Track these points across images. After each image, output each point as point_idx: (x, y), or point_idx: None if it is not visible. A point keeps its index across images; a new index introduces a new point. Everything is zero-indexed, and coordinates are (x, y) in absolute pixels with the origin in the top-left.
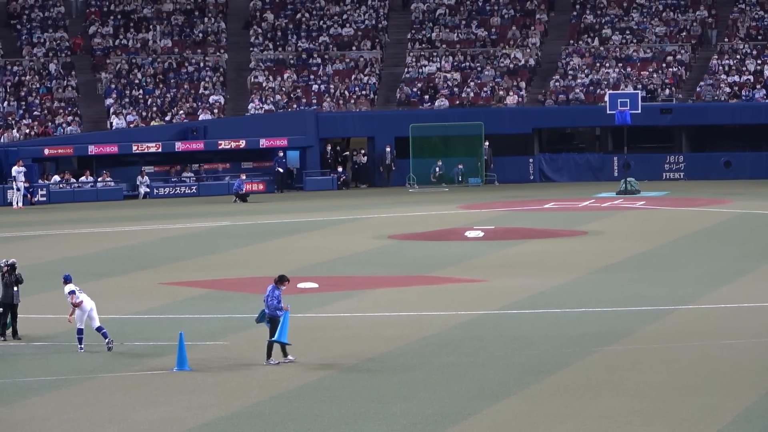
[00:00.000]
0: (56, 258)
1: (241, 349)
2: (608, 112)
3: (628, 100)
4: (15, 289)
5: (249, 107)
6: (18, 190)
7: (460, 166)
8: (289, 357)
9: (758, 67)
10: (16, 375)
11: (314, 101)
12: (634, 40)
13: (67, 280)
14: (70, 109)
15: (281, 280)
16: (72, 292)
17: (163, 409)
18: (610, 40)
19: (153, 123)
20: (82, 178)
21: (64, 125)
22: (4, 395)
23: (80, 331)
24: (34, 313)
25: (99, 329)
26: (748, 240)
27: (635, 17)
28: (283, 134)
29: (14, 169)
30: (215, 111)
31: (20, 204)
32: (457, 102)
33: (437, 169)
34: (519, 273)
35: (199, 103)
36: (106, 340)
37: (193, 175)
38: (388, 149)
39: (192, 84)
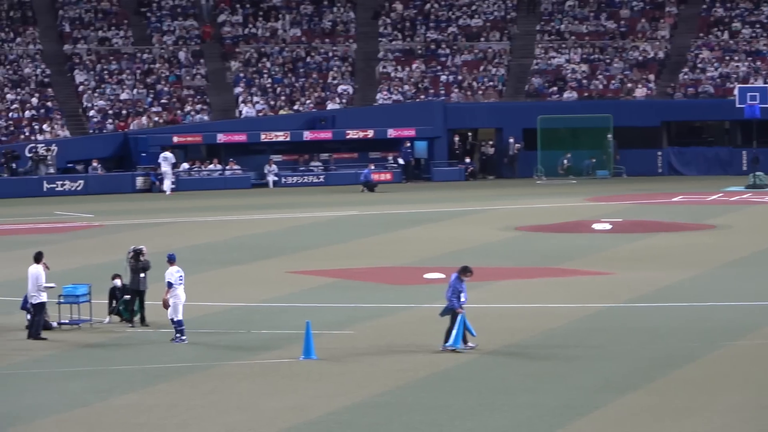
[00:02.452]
0: (184, 245)
1: (367, 338)
2: (737, 105)
3: (757, 94)
4: (142, 275)
5: (377, 97)
6: (165, 176)
7: (593, 160)
8: (470, 344)
9: None
10: (144, 362)
11: (442, 92)
12: (765, 34)
13: (171, 259)
14: (199, 97)
15: (464, 271)
16: (171, 285)
17: (289, 397)
18: (740, 34)
19: (281, 112)
20: (211, 166)
21: (192, 113)
22: (133, 382)
23: (180, 323)
24: (161, 300)
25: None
26: None
27: (765, 11)
28: (411, 124)
29: (161, 156)
30: (343, 101)
31: (168, 190)
32: (586, 94)
33: (565, 161)
34: (646, 266)
35: (328, 93)
36: (182, 337)
37: (320, 164)
38: (511, 140)
39: (320, 73)
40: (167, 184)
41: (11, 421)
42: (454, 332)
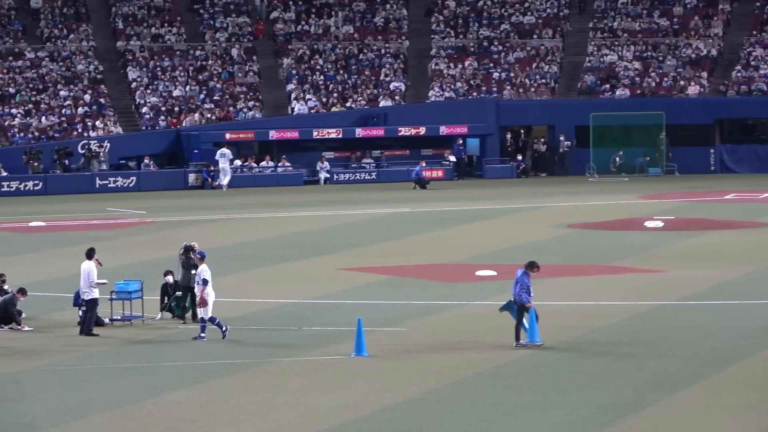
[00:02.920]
0: (236, 242)
1: (418, 335)
2: None
3: None
4: (193, 272)
5: (429, 94)
6: (222, 172)
7: (647, 158)
8: (521, 341)
9: None
10: (196, 358)
11: (494, 89)
12: None
13: (202, 257)
14: (251, 94)
15: (531, 266)
16: (206, 283)
17: (340, 394)
18: None
19: (333, 109)
20: (263, 163)
21: (245, 110)
22: (184, 378)
23: (213, 319)
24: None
25: (203, 320)
26: None
27: None
28: (463, 122)
29: (218, 153)
30: (396, 98)
31: (225, 186)
32: (638, 92)
33: (617, 158)
34: (699, 264)
35: (380, 90)
36: (202, 335)
37: (372, 161)
38: (562, 138)
39: (373, 70)
40: (225, 180)
41: (63, 417)
42: (526, 327)
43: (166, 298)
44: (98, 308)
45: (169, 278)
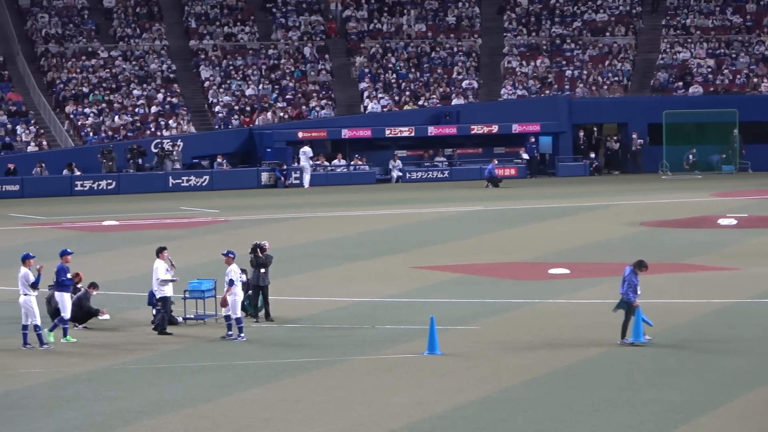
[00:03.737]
0: (309, 240)
1: (492, 333)
2: None
3: None
4: (262, 271)
5: (502, 92)
6: (303, 171)
7: (723, 155)
8: (647, 336)
9: None
10: (269, 357)
11: (567, 87)
12: None
13: (232, 256)
14: (324, 92)
15: (639, 265)
16: (232, 283)
17: (413, 392)
18: None
19: (406, 107)
20: (335, 161)
21: (317, 108)
22: (258, 377)
23: (239, 320)
24: (286, 295)
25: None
26: None
27: None
28: (536, 119)
29: (300, 151)
30: (468, 96)
31: (306, 184)
32: (711, 89)
33: (690, 156)
34: None
35: (452, 88)
36: (229, 333)
37: (445, 159)
38: (634, 136)
39: (445, 69)
40: (306, 179)
41: (136, 415)
42: (632, 326)
43: None
44: (172, 307)
45: (243, 277)
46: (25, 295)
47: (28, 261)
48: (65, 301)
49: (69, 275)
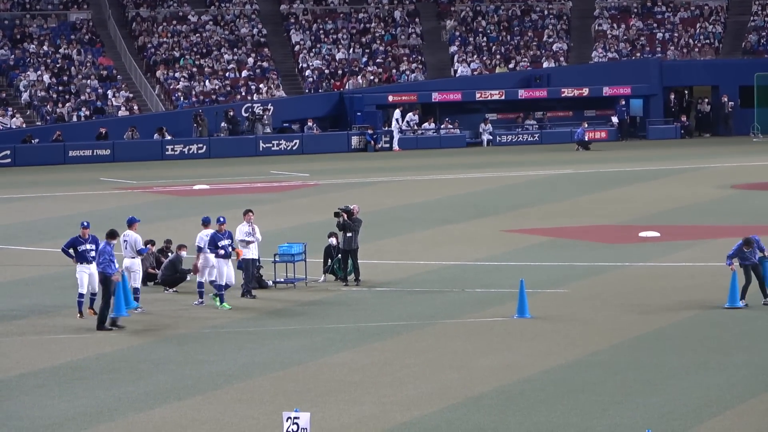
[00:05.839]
0: (399, 204)
1: (581, 297)
2: None
3: None
4: (349, 234)
5: (592, 55)
6: (399, 132)
7: None
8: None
9: None
10: (359, 320)
11: (658, 49)
12: None
13: (205, 222)
14: (414, 56)
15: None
16: (200, 250)
17: (503, 355)
18: None
19: (496, 70)
20: (426, 125)
21: (408, 72)
22: (347, 340)
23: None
24: (376, 259)
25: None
26: None
27: None
28: (627, 82)
29: (396, 113)
30: (559, 59)
31: (396, 146)
32: None
33: None
34: None
35: (543, 51)
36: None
37: (535, 122)
38: (725, 98)
39: (536, 32)
40: (394, 140)
41: (227, 379)
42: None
43: (329, 260)
44: (261, 271)
45: (333, 240)
46: (132, 258)
47: (134, 225)
48: (222, 269)
49: (224, 242)
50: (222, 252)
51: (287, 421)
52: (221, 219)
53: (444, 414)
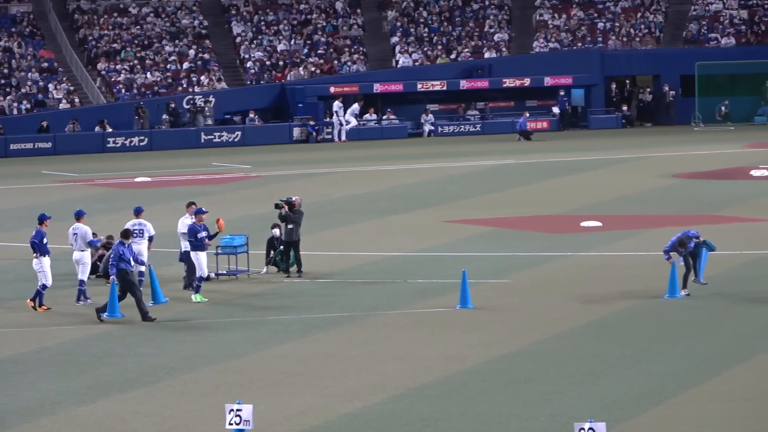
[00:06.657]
0: (341, 195)
1: (523, 287)
2: None
3: None
4: (290, 226)
5: (534, 45)
6: (341, 124)
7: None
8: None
9: None
10: (301, 312)
11: (599, 39)
12: None
13: (137, 212)
14: (355, 47)
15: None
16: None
17: (445, 346)
18: None
19: (438, 61)
20: (367, 116)
21: (349, 63)
22: (290, 332)
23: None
24: (318, 250)
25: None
26: None
27: None
28: (568, 72)
29: (335, 104)
30: (500, 49)
31: (342, 137)
32: (744, 40)
33: (723, 107)
34: None
35: (484, 42)
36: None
37: (477, 113)
38: (666, 88)
39: (477, 22)
40: (342, 131)
41: (169, 371)
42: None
43: (272, 251)
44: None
45: (276, 231)
46: (81, 251)
47: (82, 218)
48: (201, 260)
49: (202, 234)
50: (199, 243)
51: (230, 413)
52: (202, 210)
53: (386, 405)
